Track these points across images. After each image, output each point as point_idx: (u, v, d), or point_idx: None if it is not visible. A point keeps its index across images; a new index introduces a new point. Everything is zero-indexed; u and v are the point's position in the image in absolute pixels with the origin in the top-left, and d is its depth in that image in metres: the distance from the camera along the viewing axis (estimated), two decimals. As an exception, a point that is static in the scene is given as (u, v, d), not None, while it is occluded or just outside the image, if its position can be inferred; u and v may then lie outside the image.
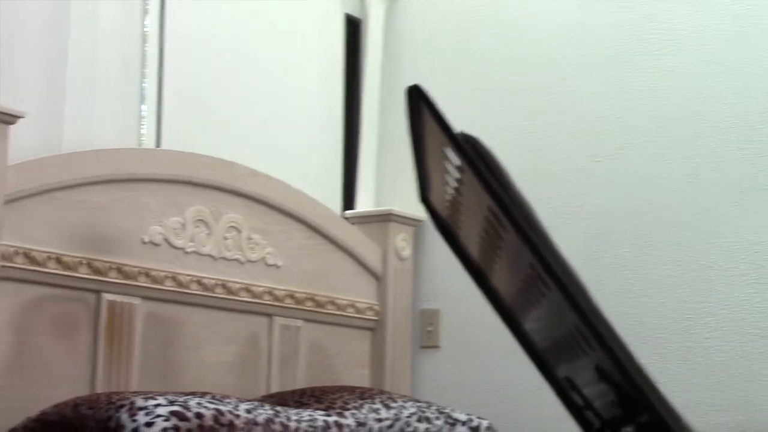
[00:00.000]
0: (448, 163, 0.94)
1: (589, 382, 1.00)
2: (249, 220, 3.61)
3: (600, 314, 0.86)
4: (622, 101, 3.90)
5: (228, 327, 3.52)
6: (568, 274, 0.86)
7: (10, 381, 2.93)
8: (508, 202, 0.84)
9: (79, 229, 3.12)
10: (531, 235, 0.84)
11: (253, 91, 3.91)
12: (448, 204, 1.09)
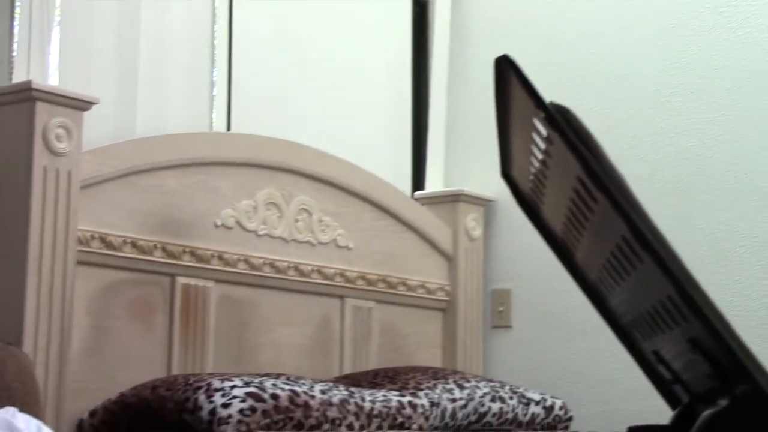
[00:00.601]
0: (536, 135, 0.93)
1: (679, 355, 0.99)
2: (320, 203, 3.62)
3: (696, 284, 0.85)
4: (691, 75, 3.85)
5: (300, 309, 3.53)
6: (663, 243, 0.85)
7: (88, 364, 2.97)
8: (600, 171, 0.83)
9: (152, 213, 3.15)
10: (624, 204, 0.83)
11: (322, 74, 3.92)
12: (532, 178, 1.08)
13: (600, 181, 0.83)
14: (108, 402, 2.91)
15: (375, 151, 3.99)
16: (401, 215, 3.87)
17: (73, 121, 2.90)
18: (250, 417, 2.70)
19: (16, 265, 2.78)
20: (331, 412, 2.87)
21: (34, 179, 2.81)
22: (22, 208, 2.81)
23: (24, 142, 2.83)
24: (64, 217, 2.86)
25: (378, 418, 2.98)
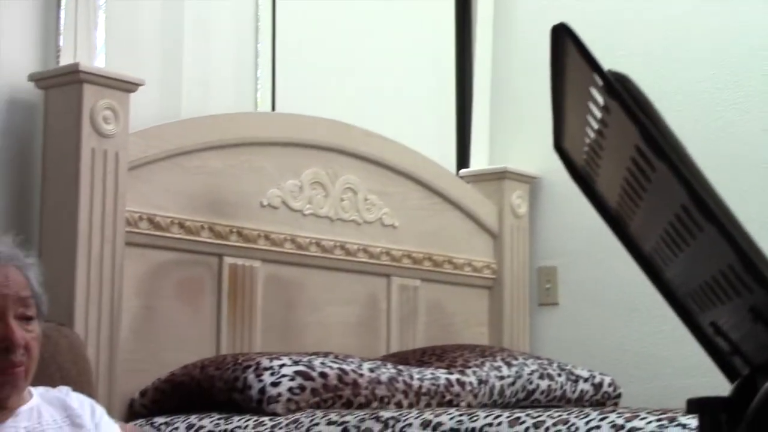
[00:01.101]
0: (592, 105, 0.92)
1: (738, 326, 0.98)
2: (365, 182, 3.62)
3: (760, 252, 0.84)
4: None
5: (347, 288, 3.54)
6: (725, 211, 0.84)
7: (138, 344, 2.99)
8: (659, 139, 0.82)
9: (199, 194, 3.17)
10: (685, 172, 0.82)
11: (366, 53, 3.91)
12: (587, 149, 1.07)
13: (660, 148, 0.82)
14: (158, 382, 2.93)
15: (420, 130, 3.99)
16: (446, 193, 3.87)
17: (119, 102, 2.92)
18: (300, 395, 2.72)
19: (67, 247, 2.81)
20: (379, 390, 2.88)
21: (82, 161, 2.83)
22: (72, 191, 2.83)
23: (72, 125, 2.85)
24: (113, 198, 2.88)
25: (426, 396, 2.98)
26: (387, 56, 3.99)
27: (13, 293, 1.86)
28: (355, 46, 3.88)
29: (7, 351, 1.83)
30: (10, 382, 1.85)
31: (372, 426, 2.41)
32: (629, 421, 2.16)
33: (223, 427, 2.64)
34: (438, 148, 4.02)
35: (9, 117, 2.91)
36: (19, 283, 1.88)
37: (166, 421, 2.76)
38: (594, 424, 2.18)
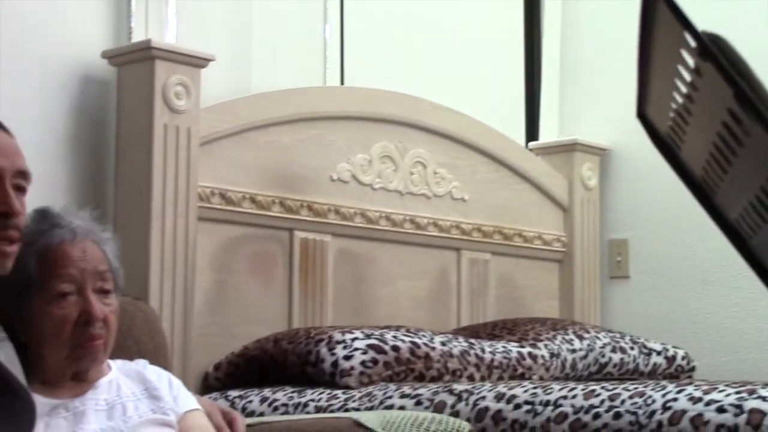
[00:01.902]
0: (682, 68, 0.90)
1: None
2: (434, 155, 3.61)
3: None
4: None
5: (417, 262, 3.54)
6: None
7: (212, 318, 3.01)
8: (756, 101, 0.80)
9: (269, 168, 3.18)
10: (783, 135, 0.81)
11: (434, 26, 3.89)
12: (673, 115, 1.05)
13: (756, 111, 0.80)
14: (231, 356, 2.95)
15: (488, 102, 3.96)
16: (516, 166, 3.84)
17: (191, 78, 2.93)
18: (372, 369, 2.72)
19: (141, 223, 2.83)
20: (451, 363, 2.88)
21: (155, 137, 2.85)
22: (145, 166, 2.85)
23: (145, 101, 2.87)
24: (185, 174, 2.90)
25: (498, 369, 2.98)
26: (455, 28, 3.96)
27: (91, 267, 1.88)
28: (423, 19, 3.86)
29: (86, 324, 1.85)
30: (90, 355, 1.87)
31: (445, 399, 2.41)
32: (707, 393, 2.13)
33: (296, 400, 2.66)
34: (507, 120, 4.00)
35: (83, 94, 2.94)
36: (96, 257, 1.90)
37: (240, 395, 2.78)
38: (671, 396, 2.16)
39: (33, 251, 1.84)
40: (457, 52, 3.95)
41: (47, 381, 1.86)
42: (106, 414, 1.86)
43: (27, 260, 1.83)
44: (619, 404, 2.18)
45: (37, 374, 1.85)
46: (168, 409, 1.93)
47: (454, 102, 3.68)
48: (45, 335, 1.84)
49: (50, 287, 1.84)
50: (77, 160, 2.91)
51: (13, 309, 1.85)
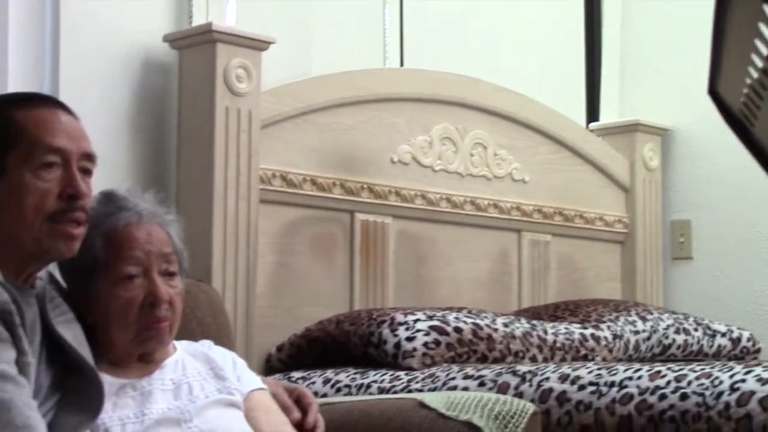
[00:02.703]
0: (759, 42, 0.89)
1: None
2: (494, 136, 3.59)
3: None
4: None
5: (478, 243, 3.53)
6: None
7: (274, 300, 3.03)
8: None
9: (330, 150, 3.18)
10: None
11: (494, 6, 3.87)
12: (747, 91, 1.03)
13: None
14: (294, 337, 2.97)
15: (548, 83, 3.94)
16: (577, 147, 3.82)
17: (251, 61, 2.94)
18: (435, 350, 2.72)
19: (203, 205, 2.85)
20: (514, 344, 2.87)
21: (216, 120, 2.87)
22: (207, 149, 2.86)
23: (206, 84, 2.88)
24: (247, 156, 2.91)
25: (561, 351, 2.96)
26: (515, 8, 3.94)
27: (156, 249, 1.89)
28: (482, 1, 3.84)
29: (152, 306, 1.86)
30: (156, 337, 1.88)
31: (509, 380, 2.40)
32: (775, 374, 2.10)
33: (359, 381, 2.66)
34: (567, 101, 3.97)
35: (145, 78, 2.96)
36: (161, 239, 1.91)
37: (302, 376, 2.79)
38: (739, 377, 2.14)
39: (99, 233, 1.86)
40: (517, 33, 3.92)
41: (114, 361, 1.88)
42: (172, 393, 1.88)
43: (93, 242, 1.84)
44: (686, 385, 2.16)
45: (105, 354, 1.87)
46: (233, 389, 1.94)
47: (515, 83, 3.66)
48: (111, 317, 1.86)
49: (116, 269, 1.86)
50: (140, 143, 2.94)
51: (80, 291, 1.87)
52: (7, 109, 1.70)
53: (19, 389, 1.56)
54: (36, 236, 1.67)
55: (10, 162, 1.67)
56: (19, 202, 1.66)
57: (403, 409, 2.04)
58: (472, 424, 1.94)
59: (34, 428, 1.54)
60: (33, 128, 1.68)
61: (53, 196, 1.68)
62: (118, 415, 1.80)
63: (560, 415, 2.25)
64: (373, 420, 2.06)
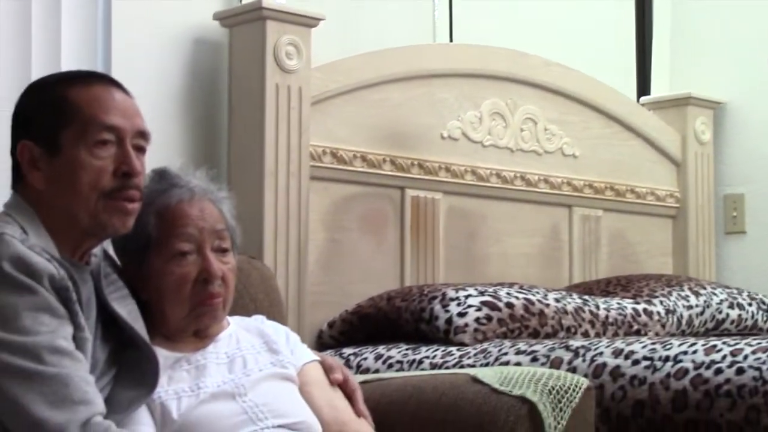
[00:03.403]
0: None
1: None
2: (545, 111, 3.57)
3: None
4: None
5: (528, 219, 3.52)
6: None
7: (325, 277, 3.04)
8: None
9: (380, 127, 3.18)
10: None
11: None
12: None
13: None
14: (345, 313, 2.97)
15: (599, 57, 3.90)
16: (628, 121, 3.79)
17: (301, 38, 2.94)
18: (486, 325, 2.72)
19: (254, 182, 2.86)
20: (566, 320, 2.86)
21: (267, 97, 2.87)
22: (257, 126, 2.87)
23: (256, 61, 2.88)
24: (297, 133, 2.92)
25: (613, 326, 2.95)
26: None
27: (209, 226, 1.90)
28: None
29: (205, 282, 1.88)
30: (210, 312, 1.90)
31: (562, 355, 2.39)
32: (833, 348, 2.08)
33: (411, 357, 2.66)
34: (618, 75, 3.94)
35: (196, 56, 2.97)
36: (214, 216, 1.92)
37: (354, 352, 2.80)
38: (795, 351, 2.11)
39: (152, 211, 1.87)
40: (567, 6, 3.89)
41: (169, 336, 1.89)
42: (227, 367, 1.89)
43: (146, 219, 1.85)
44: (742, 359, 2.13)
45: (159, 329, 1.88)
46: (287, 362, 1.95)
47: (565, 57, 3.64)
48: (165, 293, 1.87)
49: (170, 246, 1.87)
50: (191, 120, 2.95)
51: (134, 267, 1.89)
52: (61, 87, 1.72)
53: (77, 364, 1.58)
54: (91, 213, 1.69)
55: (65, 140, 1.68)
56: (74, 179, 1.67)
57: (456, 384, 2.04)
58: (526, 398, 1.94)
59: (92, 402, 1.56)
60: (87, 106, 1.70)
61: (108, 174, 1.69)
62: (174, 389, 1.82)
63: (614, 390, 2.24)
64: (426, 395, 2.07)
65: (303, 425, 1.86)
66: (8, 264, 1.55)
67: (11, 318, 1.54)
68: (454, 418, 1.98)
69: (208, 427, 1.78)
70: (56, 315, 1.58)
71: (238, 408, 1.82)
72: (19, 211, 1.68)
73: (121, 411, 1.69)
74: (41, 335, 1.55)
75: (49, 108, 1.69)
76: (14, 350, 1.53)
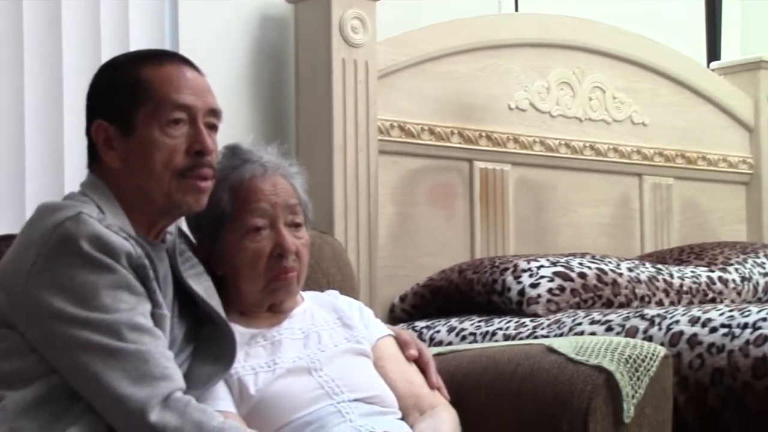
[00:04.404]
0: None
1: None
2: (613, 79, 3.53)
3: None
4: None
5: (598, 188, 3.49)
6: None
7: (396, 251, 3.04)
8: None
9: (447, 99, 3.17)
10: None
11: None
12: None
13: None
14: (417, 287, 2.97)
15: (667, 22, 3.85)
16: (698, 87, 3.74)
17: (366, 12, 2.93)
18: (559, 296, 2.70)
19: (323, 157, 2.86)
20: (639, 289, 2.83)
21: (334, 72, 2.87)
22: (325, 101, 2.87)
23: (322, 36, 2.88)
24: (365, 107, 2.92)
25: (688, 295, 2.92)
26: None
27: (282, 201, 1.90)
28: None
29: (280, 257, 1.88)
30: (284, 287, 1.90)
31: (637, 324, 2.37)
32: None
33: (483, 329, 2.66)
34: (687, 40, 3.89)
35: (262, 33, 2.98)
36: (286, 191, 1.93)
37: (426, 325, 2.79)
38: None
39: (225, 187, 1.88)
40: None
41: (244, 312, 1.91)
42: (302, 343, 1.89)
43: (220, 196, 1.86)
44: (823, 325, 2.10)
45: (235, 305, 1.90)
46: (361, 337, 1.95)
47: (632, 24, 3.60)
48: (240, 269, 1.88)
49: (244, 221, 1.88)
50: (259, 97, 2.96)
51: (208, 244, 1.90)
52: (134, 66, 1.73)
53: (156, 341, 1.59)
54: (165, 192, 1.70)
55: (138, 119, 1.69)
56: (148, 158, 1.68)
57: (532, 355, 2.03)
58: (603, 368, 1.92)
59: (172, 378, 1.57)
60: (160, 85, 1.70)
61: (181, 153, 1.70)
62: (250, 365, 1.83)
63: (692, 358, 2.21)
64: (501, 366, 2.05)
65: (378, 399, 1.86)
66: (87, 243, 1.57)
67: (91, 296, 1.56)
68: (530, 388, 1.97)
69: (285, 402, 1.79)
70: (135, 292, 1.60)
71: (315, 382, 1.83)
72: (95, 191, 1.70)
73: (199, 387, 1.70)
74: (121, 313, 1.56)
75: (122, 88, 1.70)
76: (95, 328, 1.55)
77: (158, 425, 1.52)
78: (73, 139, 2.54)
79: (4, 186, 2.53)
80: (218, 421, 1.57)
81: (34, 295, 1.56)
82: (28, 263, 1.58)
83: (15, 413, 1.54)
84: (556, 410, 1.92)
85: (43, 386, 1.56)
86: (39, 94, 2.57)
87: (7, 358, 1.59)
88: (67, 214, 1.59)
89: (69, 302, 1.55)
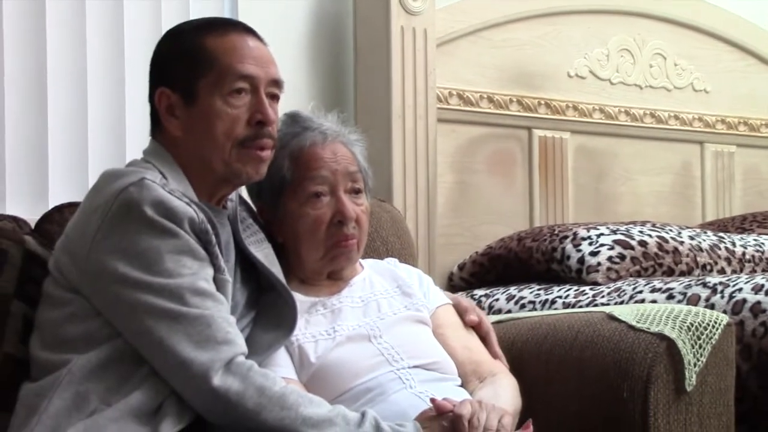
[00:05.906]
0: None
1: None
2: (674, 46, 3.49)
3: None
4: None
5: (659, 156, 3.46)
6: None
7: (454, 219, 3.03)
8: None
9: (506, 67, 3.15)
10: None
11: None
12: None
13: None
14: (476, 255, 2.97)
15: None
16: (762, 53, 3.69)
17: (425, -21, 2.93)
18: (619, 264, 2.68)
19: (382, 125, 2.86)
20: (701, 257, 2.81)
21: (392, 40, 2.86)
22: (384, 70, 2.87)
23: (381, 4, 2.87)
24: (423, 75, 2.91)
25: (751, 263, 2.88)
26: None
27: (342, 168, 1.91)
28: None
29: (340, 224, 1.89)
30: (344, 254, 1.91)
31: (699, 292, 2.35)
32: None
33: (543, 297, 2.65)
34: (751, 4, 3.82)
35: (320, 1, 2.97)
36: (346, 158, 1.93)
37: (486, 293, 2.79)
38: None
39: (286, 154, 1.88)
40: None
41: (304, 280, 1.91)
42: (362, 311, 1.90)
43: (281, 163, 1.87)
44: None
45: (295, 273, 1.91)
46: (421, 305, 1.95)
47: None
48: (300, 236, 1.89)
49: (304, 188, 1.88)
50: (317, 66, 2.96)
51: (269, 211, 1.91)
52: (198, 35, 1.73)
53: (218, 306, 1.60)
54: (226, 160, 1.71)
55: (201, 88, 1.70)
56: (210, 127, 1.69)
57: (592, 322, 2.02)
58: (664, 335, 1.91)
59: (234, 343, 1.58)
60: (223, 55, 1.71)
61: (242, 123, 1.71)
62: (311, 332, 1.84)
63: (755, 327, 2.19)
64: (561, 334, 2.05)
65: (438, 365, 1.87)
66: (150, 208, 1.58)
67: (154, 261, 1.57)
68: (591, 356, 1.97)
69: (345, 369, 1.80)
70: (197, 257, 1.61)
71: (375, 350, 1.83)
72: (158, 157, 1.71)
73: (260, 353, 1.71)
74: (184, 277, 1.58)
75: (185, 56, 1.71)
76: (159, 292, 1.56)
77: (221, 389, 1.54)
78: (135, 107, 2.56)
79: (67, 154, 2.56)
80: (280, 386, 1.58)
81: (98, 259, 1.58)
82: (92, 229, 1.60)
83: (81, 376, 1.57)
84: (617, 378, 1.91)
85: (108, 349, 1.58)
86: (101, 62, 2.60)
87: (73, 322, 1.61)
88: (130, 179, 1.61)
89: (133, 267, 1.57)
